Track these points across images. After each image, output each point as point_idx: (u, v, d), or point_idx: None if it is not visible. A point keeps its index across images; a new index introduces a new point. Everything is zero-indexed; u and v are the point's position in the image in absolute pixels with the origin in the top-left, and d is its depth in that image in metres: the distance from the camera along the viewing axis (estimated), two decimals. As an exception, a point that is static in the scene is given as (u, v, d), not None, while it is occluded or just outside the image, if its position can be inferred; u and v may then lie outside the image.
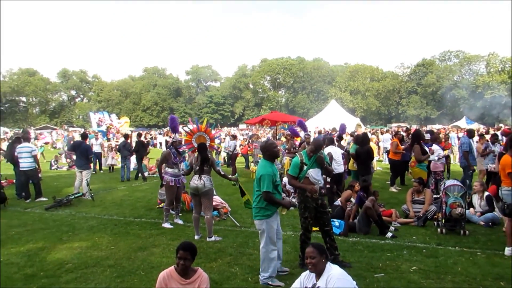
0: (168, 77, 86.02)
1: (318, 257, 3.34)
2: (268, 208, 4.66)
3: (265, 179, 4.58)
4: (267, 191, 4.57)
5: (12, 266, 5.29)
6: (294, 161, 5.18)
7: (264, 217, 4.65)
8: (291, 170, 5.19)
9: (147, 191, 11.33)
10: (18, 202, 9.91)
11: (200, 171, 6.51)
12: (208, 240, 6.41)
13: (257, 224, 4.76)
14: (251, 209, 4.95)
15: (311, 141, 6.37)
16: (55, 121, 75.76)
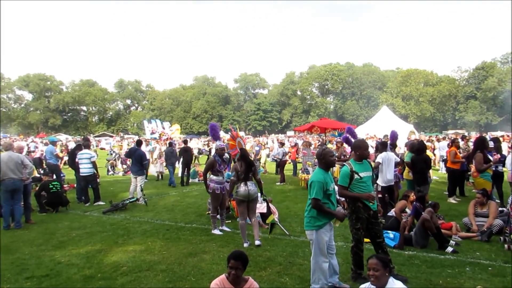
0: (217, 85, 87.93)
1: (382, 270, 3.19)
2: (319, 218, 4.49)
3: (315, 185, 4.46)
4: (316, 198, 4.43)
5: (72, 267, 5.56)
6: (344, 170, 4.92)
7: (314, 228, 4.50)
8: (342, 180, 4.93)
9: (197, 197, 11.53)
10: (78, 205, 10.47)
11: (247, 178, 6.59)
12: (258, 244, 6.44)
13: (307, 234, 4.64)
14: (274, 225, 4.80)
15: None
16: (112, 129, 79.84)
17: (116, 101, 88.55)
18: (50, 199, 9.59)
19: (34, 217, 8.78)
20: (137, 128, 79.82)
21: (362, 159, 5.03)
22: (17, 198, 8.13)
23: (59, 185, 9.93)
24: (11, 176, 7.95)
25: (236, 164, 6.83)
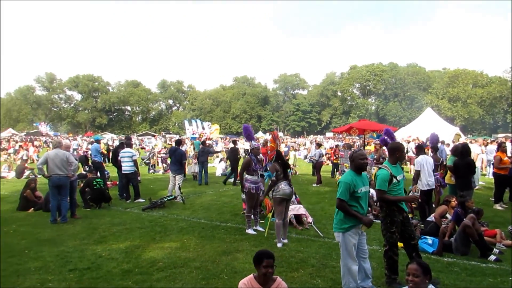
0: (257, 86, 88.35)
1: (422, 276, 3.11)
2: (345, 220, 4.41)
3: (341, 186, 4.41)
4: (340, 199, 4.39)
5: (112, 261, 5.80)
6: (384, 174, 4.79)
7: (341, 230, 4.44)
8: (381, 184, 4.78)
9: (233, 197, 11.66)
10: (120, 202, 10.90)
11: (287, 177, 6.73)
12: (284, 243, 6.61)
13: (335, 235, 4.60)
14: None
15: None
16: (155, 128, 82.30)
17: (159, 101, 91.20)
18: (94, 195, 10.04)
19: (79, 212, 9.24)
20: (178, 128, 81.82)
21: (397, 162, 4.95)
22: (63, 194, 8.57)
23: (102, 182, 10.38)
24: (57, 172, 8.41)
25: (275, 164, 6.88)
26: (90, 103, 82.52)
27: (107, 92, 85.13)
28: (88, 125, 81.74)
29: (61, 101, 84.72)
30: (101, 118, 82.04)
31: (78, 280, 5.07)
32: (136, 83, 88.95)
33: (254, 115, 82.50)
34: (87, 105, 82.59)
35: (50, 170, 8.41)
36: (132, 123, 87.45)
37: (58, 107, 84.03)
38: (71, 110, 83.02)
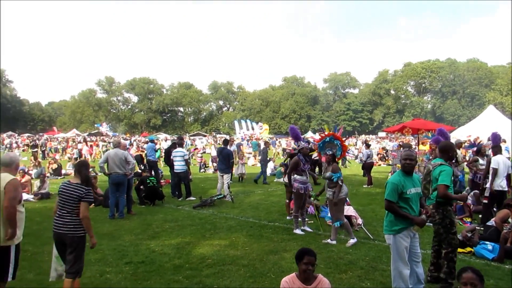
0: (306, 86, 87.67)
1: (480, 285, 2.97)
2: (396, 222, 4.27)
3: (388, 187, 4.28)
4: (388, 200, 4.25)
5: (164, 256, 6.06)
6: (448, 169, 4.66)
7: (391, 232, 4.30)
8: (445, 179, 4.60)
9: (281, 197, 11.66)
10: (172, 200, 11.31)
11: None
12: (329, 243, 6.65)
13: (386, 238, 4.47)
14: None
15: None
16: (206, 129, 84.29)
17: (210, 102, 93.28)
18: (148, 193, 10.51)
19: (135, 209, 9.71)
20: (228, 128, 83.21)
21: (448, 161, 4.83)
22: (121, 191, 9.07)
23: (155, 181, 10.83)
24: (116, 170, 8.91)
25: (335, 164, 6.87)
26: (146, 104, 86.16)
27: (161, 94, 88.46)
28: (143, 126, 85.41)
29: (119, 103, 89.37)
30: (155, 119, 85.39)
31: (133, 272, 5.35)
32: (188, 85, 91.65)
33: (303, 115, 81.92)
34: (143, 107, 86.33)
35: (110, 168, 8.94)
36: (185, 123, 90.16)
37: (117, 108, 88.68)
38: (128, 112, 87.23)
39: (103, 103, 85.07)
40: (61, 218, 4.27)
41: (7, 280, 4.02)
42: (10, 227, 3.95)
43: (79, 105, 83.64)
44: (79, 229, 4.27)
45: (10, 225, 3.96)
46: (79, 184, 4.36)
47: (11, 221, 3.95)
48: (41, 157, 24.13)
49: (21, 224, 4.15)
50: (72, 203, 4.25)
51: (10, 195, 3.94)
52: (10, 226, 3.95)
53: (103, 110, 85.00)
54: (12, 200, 3.95)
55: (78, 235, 4.27)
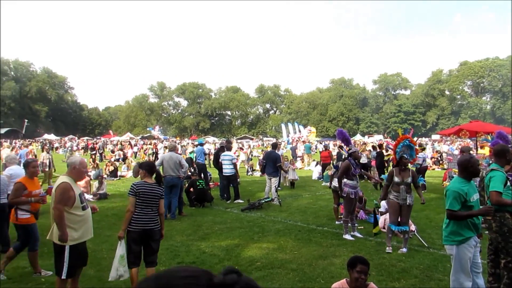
0: (355, 87, 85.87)
1: None
2: (460, 232, 4.03)
3: (449, 195, 4.03)
4: (450, 209, 4.01)
5: (214, 257, 6.19)
6: (500, 175, 4.35)
7: (454, 242, 4.07)
8: (498, 186, 4.30)
9: (330, 201, 11.46)
10: (221, 202, 11.51)
11: None
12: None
13: (447, 248, 4.24)
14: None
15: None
16: (252, 132, 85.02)
17: (257, 106, 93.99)
18: (197, 195, 10.79)
19: (185, 210, 10.00)
20: (275, 131, 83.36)
21: (505, 165, 4.58)
22: (174, 193, 9.39)
23: (204, 183, 11.09)
24: (171, 173, 9.25)
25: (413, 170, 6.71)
26: (195, 108, 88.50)
27: (210, 98, 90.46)
28: (192, 129, 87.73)
29: (170, 107, 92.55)
30: (204, 122, 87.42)
31: (184, 273, 5.51)
32: (235, 88, 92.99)
33: (351, 118, 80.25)
34: (192, 111, 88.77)
35: (164, 171, 9.30)
36: (232, 127, 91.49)
37: (167, 112, 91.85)
38: (178, 115, 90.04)
39: (155, 108, 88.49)
40: (146, 215, 4.64)
41: (62, 277, 4.26)
42: (59, 229, 4.18)
43: (133, 110, 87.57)
44: (159, 223, 4.77)
45: (58, 228, 4.19)
46: (155, 184, 4.83)
47: (58, 224, 4.18)
48: (98, 159, 25.50)
49: (80, 227, 4.33)
50: (156, 201, 4.72)
51: (56, 198, 4.21)
52: (58, 228, 4.19)
53: (155, 114, 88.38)
54: (58, 203, 4.18)
55: (159, 228, 4.80)
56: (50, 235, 4.36)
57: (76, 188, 4.41)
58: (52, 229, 4.36)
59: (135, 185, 4.70)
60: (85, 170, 4.71)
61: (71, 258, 4.26)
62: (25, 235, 5.44)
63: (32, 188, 5.27)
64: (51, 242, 7.03)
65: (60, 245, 4.23)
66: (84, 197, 4.60)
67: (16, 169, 7.21)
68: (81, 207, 4.37)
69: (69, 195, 4.25)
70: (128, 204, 4.67)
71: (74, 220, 4.27)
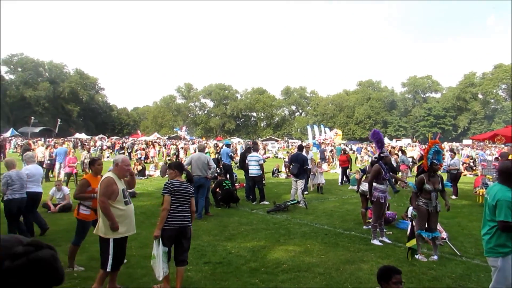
0: (383, 90, 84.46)
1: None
2: (507, 244, 3.74)
3: (502, 206, 3.71)
4: (504, 221, 3.69)
5: (240, 258, 6.20)
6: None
7: (499, 254, 3.78)
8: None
9: (357, 205, 11.29)
10: (246, 203, 11.53)
11: None
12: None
13: (490, 260, 3.93)
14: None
15: None
16: (278, 133, 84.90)
17: (282, 107, 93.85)
18: (224, 195, 10.85)
19: (211, 211, 10.07)
20: (300, 133, 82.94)
21: None
22: (201, 193, 9.48)
23: (231, 184, 11.14)
24: (198, 173, 9.36)
25: (422, 176, 6.52)
26: (221, 109, 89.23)
27: (236, 99, 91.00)
28: (218, 130, 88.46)
29: (196, 108, 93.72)
30: (229, 123, 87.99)
31: (212, 272, 5.55)
32: (261, 90, 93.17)
33: (379, 121, 78.88)
34: (218, 112, 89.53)
35: (192, 171, 9.42)
36: (257, 128, 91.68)
37: (194, 113, 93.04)
38: (204, 116, 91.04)
39: (182, 108, 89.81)
40: (182, 213, 4.82)
41: (106, 269, 4.42)
42: (108, 220, 4.42)
43: (160, 110, 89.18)
44: (191, 221, 4.97)
45: (106, 218, 4.43)
46: (187, 182, 5.01)
47: (106, 214, 4.43)
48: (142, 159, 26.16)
49: (123, 221, 4.55)
50: (189, 199, 4.91)
51: (101, 191, 4.51)
52: (107, 218, 4.42)
53: (182, 115, 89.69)
54: (101, 196, 4.47)
55: (191, 226, 4.98)
56: (96, 230, 4.60)
57: (120, 184, 4.65)
58: (98, 224, 4.59)
59: (170, 184, 4.82)
60: (127, 167, 4.86)
61: (116, 250, 4.45)
62: (82, 230, 5.74)
63: (95, 185, 5.46)
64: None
65: (105, 238, 4.45)
66: (127, 193, 4.79)
67: (33, 168, 7.55)
68: (124, 201, 4.61)
69: (112, 189, 4.51)
70: (164, 203, 4.76)
71: (116, 214, 4.49)
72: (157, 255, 4.57)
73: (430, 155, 6.62)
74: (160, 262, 4.54)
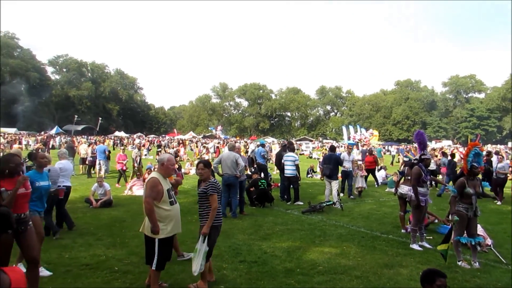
0: (422, 90, 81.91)
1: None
2: None
3: None
4: None
5: (276, 258, 6.17)
6: None
7: None
8: None
9: (394, 207, 11.00)
10: (281, 203, 11.49)
11: None
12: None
13: None
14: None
15: None
16: (312, 134, 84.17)
17: (317, 107, 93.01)
18: (259, 195, 10.86)
19: (246, 210, 10.10)
20: (335, 133, 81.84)
21: None
22: (233, 192, 9.52)
23: (266, 183, 11.14)
24: (227, 172, 9.41)
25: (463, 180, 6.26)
26: (255, 109, 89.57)
27: (270, 99, 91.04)
28: (252, 129, 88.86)
29: (231, 108, 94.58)
30: (264, 123, 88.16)
31: (247, 271, 5.56)
32: (296, 90, 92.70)
33: (417, 121, 76.50)
34: (253, 111, 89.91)
35: (222, 170, 9.49)
36: (291, 128, 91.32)
37: (228, 113, 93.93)
38: (239, 116, 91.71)
39: (217, 108, 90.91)
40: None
41: (152, 267, 4.47)
42: (150, 222, 4.42)
43: (196, 109, 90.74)
44: None
45: (149, 219, 4.43)
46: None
47: (148, 216, 4.42)
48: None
49: (168, 221, 4.53)
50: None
51: (146, 192, 4.48)
52: (149, 220, 4.42)
53: (217, 114, 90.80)
54: (147, 197, 4.43)
55: None
56: (142, 228, 4.62)
57: (165, 184, 4.62)
58: (144, 223, 4.61)
59: (216, 183, 4.97)
60: (172, 167, 4.92)
61: (161, 251, 4.47)
62: None
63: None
64: (123, 233, 7.52)
65: (151, 237, 4.46)
66: (173, 193, 4.77)
67: (66, 164, 7.95)
68: (169, 202, 4.59)
69: (158, 189, 4.48)
70: (214, 202, 4.85)
71: (162, 215, 4.48)
72: (199, 250, 4.64)
73: (470, 158, 6.34)
74: (200, 258, 4.59)
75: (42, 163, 5.45)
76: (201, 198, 4.94)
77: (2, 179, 4.12)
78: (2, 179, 4.12)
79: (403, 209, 8.27)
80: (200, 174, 5.11)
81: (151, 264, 4.47)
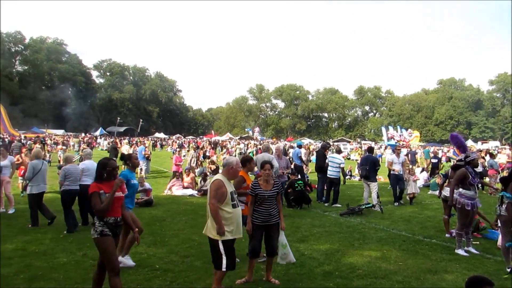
0: (467, 89, 78.35)
1: None
2: None
3: None
4: None
5: (314, 261, 6.11)
6: None
7: None
8: None
9: (438, 211, 10.60)
10: (318, 205, 11.37)
11: None
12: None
13: None
14: None
15: None
16: (350, 135, 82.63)
17: (355, 108, 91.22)
18: (296, 196, 10.80)
19: (283, 211, 10.03)
20: (373, 134, 79.95)
21: None
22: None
23: (303, 184, 11.06)
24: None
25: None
26: (292, 110, 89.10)
27: (307, 100, 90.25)
28: (289, 131, 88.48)
29: (267, 109, 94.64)
30: (300, 124, 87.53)
31: (285, 273, 5.55)
32: (333, 90, 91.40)
33: (462, 121, 73.28)
34: (289, 112, 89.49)
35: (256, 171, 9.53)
36: (329, 129, 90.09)
37: (265, 114, 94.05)
38: (275, 117, 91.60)
39: (253, 109, 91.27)
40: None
41: (221, 269, 4.47)
42: (215, 223, 4.45)
43: (233, 111, 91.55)
44: None
45: (214, 221, 4.47)
46: None
47: (214, 217, 4.46)
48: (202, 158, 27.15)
49: (230, 223, 4.53)
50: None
51: (211, 194, 4.53)
52: (215, 222, 4.46)
53: (253, 115, 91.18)
54: (212, 199, 4.49)
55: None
56: (205, 230, 4.66)
57: (229, 186, 4.68)
58: (207, 225, 4.65)
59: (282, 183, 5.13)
60: (240, 169, 5.08)
61: (227, 251, 4.50)
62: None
63: (249, 181, 5.73)
64: (163, 232, 7.71)
65: (215, 240, 4.50)
66: (235, 195, 4.78)
67: (89, 164, 8.27)
68: (231, 204, 4.62)
69: (222, 191, 4.54)
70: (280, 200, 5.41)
71: (224, 217, 4.51)
72: (285, 244, 5.26)
73: None
74: (288, 248, 5.34)
75: (135, 164, 6.19)
76: (272, 198, 5.21)
77: (101, 182, 4.32)
78: (101, 182, 4.32)
79: (447, 213, 7.96)
80: (267, 175, 5.23)
81: (221, 266, 4.46)
